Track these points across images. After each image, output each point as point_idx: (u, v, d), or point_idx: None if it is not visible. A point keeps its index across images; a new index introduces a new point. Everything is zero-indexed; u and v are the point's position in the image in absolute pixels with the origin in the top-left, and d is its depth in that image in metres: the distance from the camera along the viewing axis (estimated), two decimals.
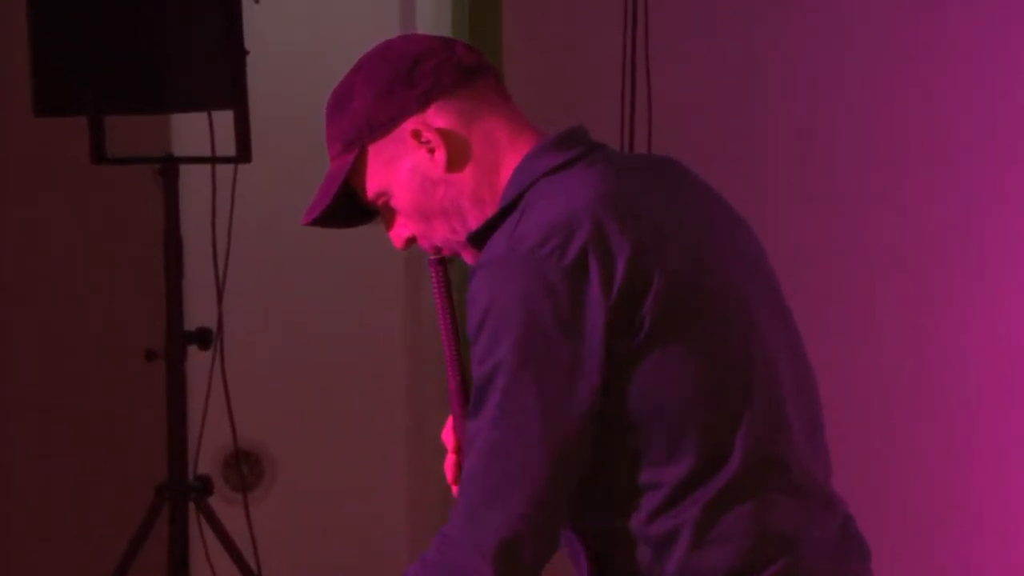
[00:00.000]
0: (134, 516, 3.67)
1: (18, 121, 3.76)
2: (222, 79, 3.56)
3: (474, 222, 1.90)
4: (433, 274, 1.93)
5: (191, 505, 3.68)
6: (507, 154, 1.89)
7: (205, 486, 3.70)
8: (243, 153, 3.65)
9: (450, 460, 1.98)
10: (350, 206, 1.98)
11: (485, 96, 1.91)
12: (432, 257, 1.93)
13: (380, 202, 1.94)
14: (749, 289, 1.87)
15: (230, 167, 3.69)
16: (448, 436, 1.98)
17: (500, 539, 1.75)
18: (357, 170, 1.92)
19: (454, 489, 1.95)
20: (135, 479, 3.95)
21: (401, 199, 1.92)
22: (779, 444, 1.83)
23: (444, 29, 5.20)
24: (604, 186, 1.81)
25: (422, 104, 1.88)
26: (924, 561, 3.12)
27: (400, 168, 1.90)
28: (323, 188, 1.97)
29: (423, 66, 1.89)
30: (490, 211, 1.88)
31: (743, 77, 3.49)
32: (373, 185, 1.93)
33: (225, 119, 3.64)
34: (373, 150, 1.91)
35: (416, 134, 1.88)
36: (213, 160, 3.69)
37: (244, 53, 3.57)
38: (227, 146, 3.65)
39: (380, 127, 1.89)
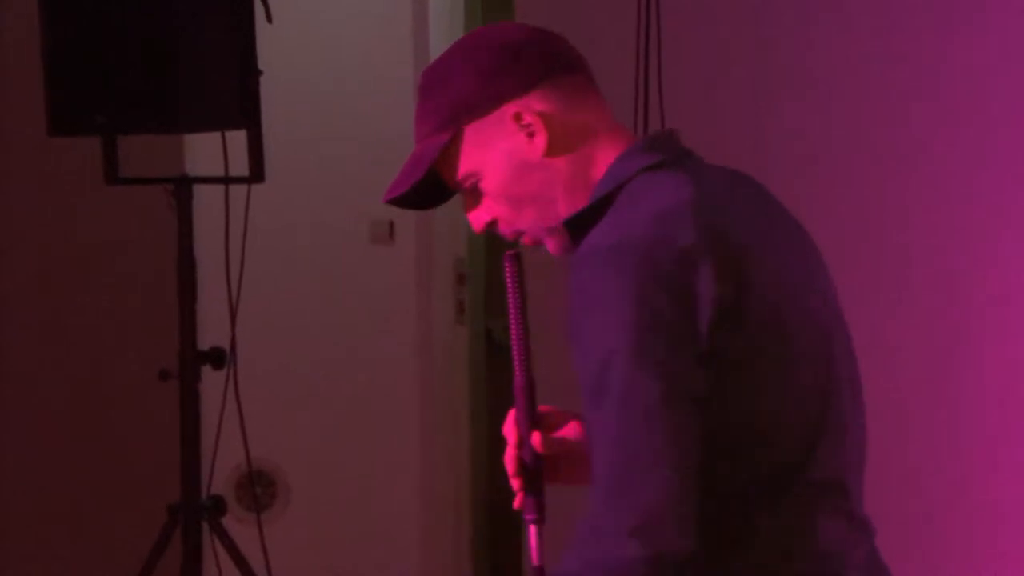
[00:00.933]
0: (148, 536, 3.66)
1: (33, 141, 3.76)
2: (236, 99, 3.56)
3: (564, 210, 1.89)
4: (508, 270, 1.90)
5: (204, 525, 3.66)
6: (602, 146, 1.89)
7: (218, 506, 3.69)
8: (257, 173, 3.65)
9: (510, 453, 1.95)
10: (430, 185, 1.95)
11: (582, 88, 1.91)
12: (508, 253, 1.91)
13: (468, 184, 1.92)
14: (826, 318, 1.88)
15: (243, 187, 3.68)
16: (510, 430, 1.95)
17: (651, 513, 1.73)
18: (449, 150, 1.90)
19: (514, 482, 1.95)
20: (149, 499, 3.93)
21: (492, 182, 1.90)
22: (841, 470, 1.86)
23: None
24: (703, 188, 1.82)
25: (525, 88, 1.87)
26: (927, 559, 3.10)
27: (495, 150, 1.89)
28: (410, 166, 1.94)
29: (528, 52, 1.89)
30: (581, 201, 1.88)
31: (756, 74, 3.48)
32: (465, 166, 1.91)
33: (238, 139, 3.64)
34: (470, 131, 1.89)
35: (517, 116, 1.87)
36: (227, 180, 3.69)
37: (258, 73, 3.57)
38: (240, 166, 3.65)
39: (480, 107, 1.88)
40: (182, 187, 3.68)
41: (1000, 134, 2.93)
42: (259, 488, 4.78)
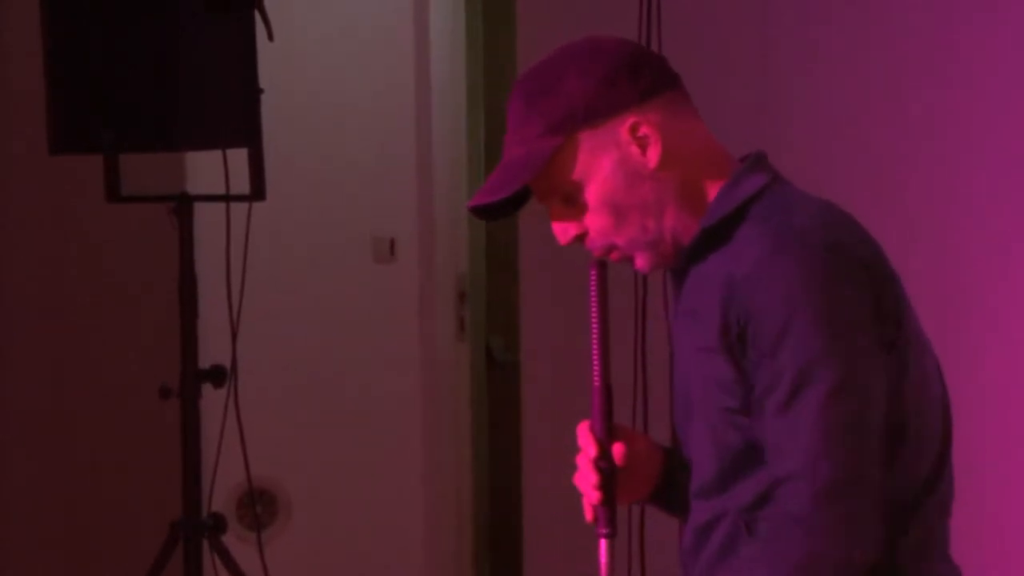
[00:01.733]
0: (148, 553, 3.65)
1: (34, 159, 3.76)
2: (237, 117, 3.56)
3: (669, 224, 1.87)
4: (593, 275, 1.87)
5: (205, 543, 3.65)
6: (712, 161, 1.89)
7: (219, 524, 3.67)
8: (258, 191, 3.64)
9: (586, 462, 1.89)
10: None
11: (687, 104, 1.91)
12: (594, 259, 1.89)
13: (570, 192, 1.88)
14: (926, 339, 1.92)
15: (245, 205, 3.68)
16: (585, 438, 1.90)
17: (858, 522, 1.75)
18: (556, 156, 1.86)
19: (593, 494, 1.89)
20: (149, 516, 3.95)
21: (596, 192, 1.86)
22: (952, 489, 1.89)
23: (459, 55, 5.22)
24: (830, 203, 1.88)
25: (644, 98, 1.85)
26: None
27: (605, 160, 1.86)
28: (514, 171, 1.87)
29: (645, 64, 1.88)
30: (689, 215, 1.87)
31: (758, 77, 3.47)
32: (572, 174, 1.86)
33: (239, 157, 3.63)
34: (584, 137, 1.85)
35: (634, 127, 1.85)
36: (228, 198, 3.68)
37: (259, 91, 3.57)
38: (241, 184, 3.65)
39: (597, 115, 1.85)
40: (183, 205, 3.67)
41: (1005, 134, 2.90)
42: (260, 506, 4.76)
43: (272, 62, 3.68)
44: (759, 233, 1.80)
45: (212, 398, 3.72)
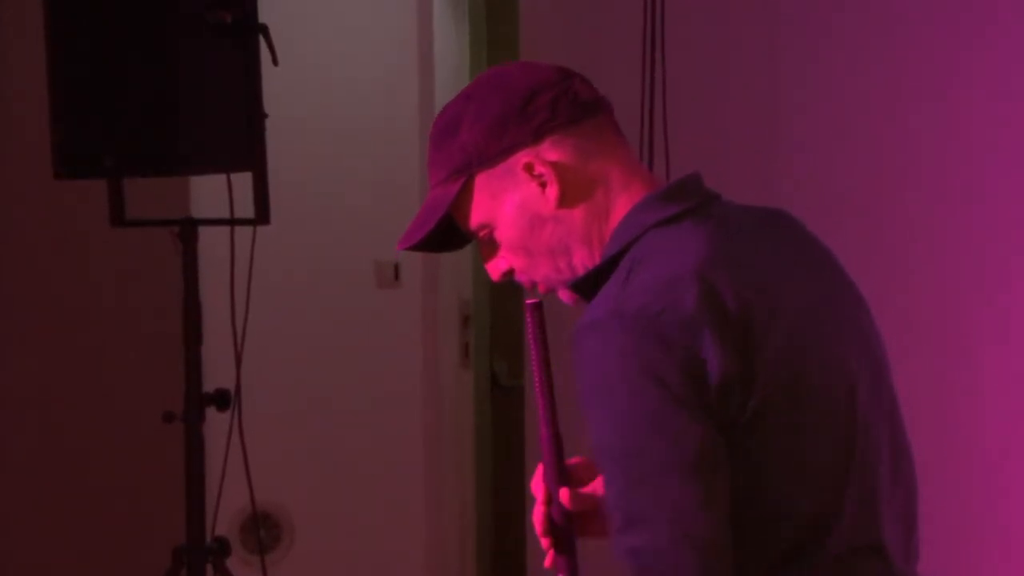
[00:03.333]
0: None
1: (39, 184, 3.76)
2: (241, 141, 3.55)
3: (579, 262, 1.83)
4: (529, 320, 1.82)
5: (209, 567, 3.63)
6: (619, 197, 1.83)
7: (223, 548, 3.66)
8: (262, 215, 3.63)
9: (539, 511, 1.86)
10: (445, 231, 1.89)
11: (600, 134, 1.84)
12: (528, 303, 1.84)
13: (483, 234, 1.87)
14: (857, 368, 1.80)
15: (249, 229, 3.67)
16: (538, 486, 1.87)
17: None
18: (461, 199, 1.84)
19: (544, 541, 1.86)
20: (154, 540, 3.91)
21: (505, 233, 1.85)
22: (876, 530, 1.78)
23: (463, 70, 5.22)
24: (713, 246, 1.74)
25: (537, 137, 1.81)
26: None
27: (508, 201, 1.83)
28: (423, 215, 1.88)
29: (540, 98, 1.82)
30: (598, 253, 1.82)
31: (762, 82, 3.46)
32: (477, 216, 1.85)
33: (244, 181, 3.62)
34: (480, 180, 1.83)
35: (529, 167, 1.81)
36: (232, 222, 3.68)
37: (263, 116, 3.56)
38: (246, 208, 3.63)
39: (491, 158, 1.82)
40: (187, 229, 3.67)
41: (1009, 138, 2.88)
42: (263, 530, 4.75)
43: (276, 87, 3.68)
44: (605, 294, 1.74)
45: (216, 422, 3.71)
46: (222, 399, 3.67)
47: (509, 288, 5.15)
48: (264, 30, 3.54)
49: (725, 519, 1.68)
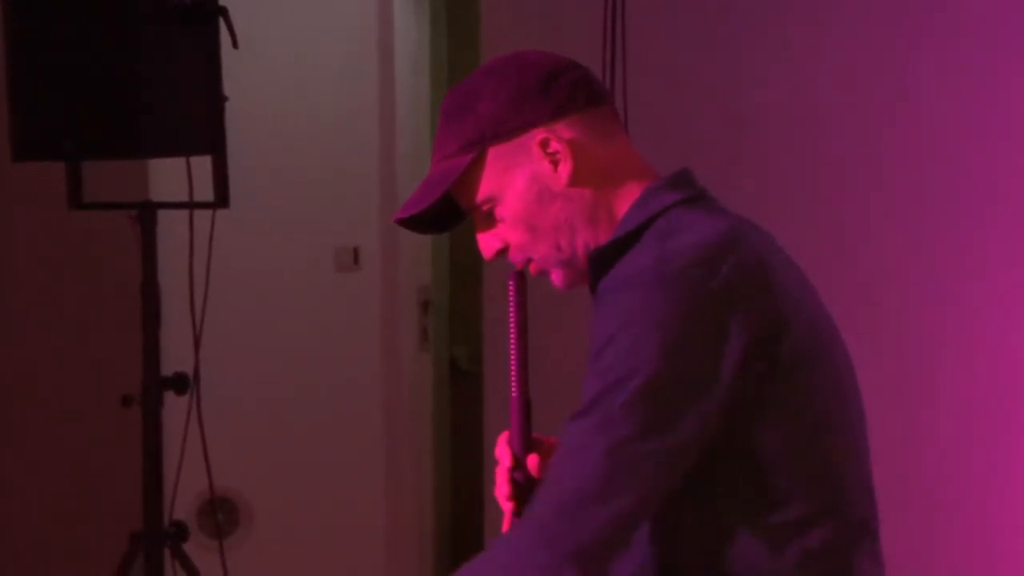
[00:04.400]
0: (110, 564, 3.63)
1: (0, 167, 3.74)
2: (201, 125, 3.55)
3: (582, 241, 1.85)
4: (512, 287, 1.87)
5: (166, 552, 3.63)
6: (628, 180, 1.85)
7: (181, 532, 3.65)
8: (221, 199, 3.63)
9: (502, 474, 1.88)
10: (438, 208, 1.91)
11: (608, 121, 1.88)
12: (513, 270, 1.88)
13: (485, 208, 1.88)
14: (841, 353, 1.86)
15: (208, 213, 3.66)
16: (503, 450, 1.89)
17: (596, 539, 1.70)
18: (469, 172, 1.86)
19: (506, 505, 1.88)
20: (111, 525, 3.92)
21: (510, 208, 1.86)
22: (869, 508, 1.84)
23: (423, 61, 5.23)
24: (738, 225, 1.80)
25: (554, 116, 1.83)
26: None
27: (518, 176, 1.84)
28: (428, 185, 1.88)
29: (559, 80, 1.85)
30: (603, 234, 1.84)
31: (724, 79, 3.46)
32: (485, 189, 1.86)
33: (203, 165, 3.61)
34: (493, 154, 1.85)
35: (544, 143, 1.83)
36: (191, 205, 3.65)
37: (223, 99, 3.55)
38: (205, 192, 3.62)
39: (507, 132, 1.84)
40: (146, 213, 3.65)
41: (996, 131, 2.89)
42: (222, 515, 4.76)
43: (237, 71, 3.66)
44: (636, 257, 1.77)
45: (174, 406, 3.70)
46: (181, 383, 3.66)
47: (468, 275, 5.13)
48: (224, 13, 3.53)
49: (660, 495, 1.72)
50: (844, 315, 1.95)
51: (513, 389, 1.87)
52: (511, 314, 1.87)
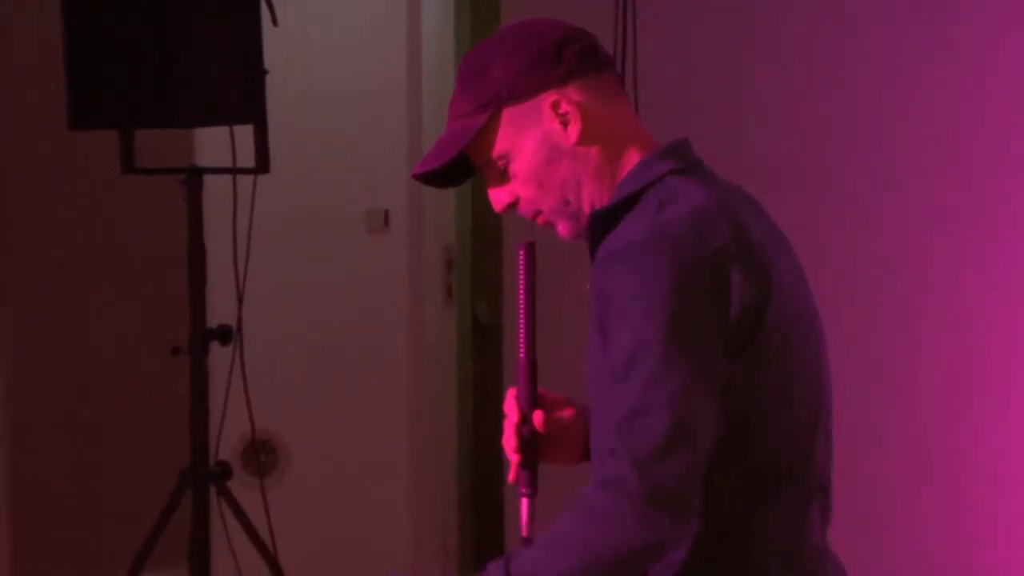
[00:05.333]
0: (160, 499, 3.66)
1: (54, 134, 3.75)
2: (243, 96, 3.55)
3: (587, 196, 1.84)
4: (521, 256, 1.88)
5: (212, 489, 3.66)
6: (631, 142, 1.85)
7: (225, 471, 3.69)
8: (262, 164, 3.63)
9: (509, 429, 1.88)
10: (453, 165, 1.89)
11: (614, 87, 1.87)
12: (523, 241, 1.88)
13: (500, 164, 1.87)
14: (814, 318, 1.86)
15: (250, 178, 3.67)
16: (511, 406, 1.89)
17: (677, 486, 1.68)
18: (484, 131, 1.85)
19: (513, 457, 1.88)
20: (161, 464, 3.93)
21: (522, 164, 1.85)
22: (827, 470, 1.84)
23: (448, 49, 5.20)
24: (727, 198, 1.79)
25: (564, 80, 1.82)
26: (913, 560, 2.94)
27: (531, 135, 1.83)
28: (446, 143, 1.87)
29: (570, 47, 1.84)
30: (606, 191, 1.83)
31: (730, 69, 3.41)
32: (499, 147, 1.85)
33: (245, 133, 3.61)
34: (507, 114, 1.84)
35: (555, 105, 1.82)
36: (234, 171, 3.67)
37: (264, 72, 3.55)
38: (247, 158, 3.63)
39: (520, 93, 1.83)
40: (193, 177, 3.67)
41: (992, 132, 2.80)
42: (262, 455, 4.78)
43: (276, 45, 3.66)
44: (634, 223, 1.76)
45: (219, 356, 3.73)
46: (225, 334, 3.69)
47: (489, 235, 5.12)
48: None
49: (712, 429, 1.70)
50: (838, 309, 1.94)
51: (521, 351, 1.87)
52: (520, 281, 1.88)
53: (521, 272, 1.88)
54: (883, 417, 2.93)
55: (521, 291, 1.88)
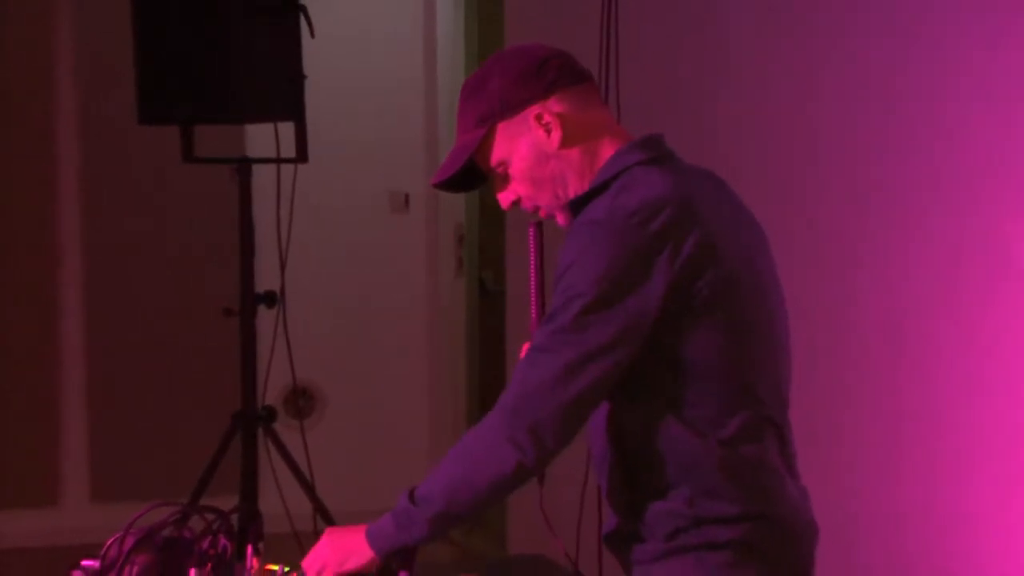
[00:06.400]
0: (216, 437, 3.68)
1: (127, 129, 3.74)
2: (285, 97, 3.54)
3: (572, 190, 1.86)
4: (531, 235, 1.91)
5: (260, 429, 3.66)
6: (605, 142, 1.86)
7: (271, 414, 3.68)
8: (302, 155, 3.62)
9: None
10: (465, 172, 1.93)
11: (590, 96, 1.89)
12: (533, 220, 1.91)
13: (500, 170, 1.89)
14: (769, 285, 1.88)
15: (291, 166, 3.66)
16: (525, 349, 1.90)
17: (550, 419, 1.73)
18: (485, 143, 1.87)
19: None
20: (216, 408, 3.94)
21: (517, 168, 1.87)
22: (775, 408, 1.85)
23: (459, 55, 5.22)
24: (683, 184, 1.81)
25: (547, 94, 1.85)
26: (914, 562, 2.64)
27: (521, 143, 1.86)
28: (454, 156, 1.90)
29: (548, 66, 1.86)
30: (587, 184, 1.85)
31: (699, 70, 3.27)
32: (497, 155, 1.87)
33: (287, 128, 3.62)
34: (501, 127, 1.86)
35: (539, 117, 1.84)
36: (278, 160, 3.66)
37: (303, 77, 3.56)
38: (289, 150, 3.63)
39: (510, 108, 1.85)
40: (243, 166, 3.67)
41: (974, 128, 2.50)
42: (302, 400, 4.77)
43: (313, 54, 3.65)
44: (597, 205, 1.80)
45: (265, 316, 3.72)
46: (270, 298, 3.68)
47: (494, 214, 5.13)
48: (304, 10, 3.54)
49: (599, 389, 1.74)
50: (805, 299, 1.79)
51: (532, 311, 1.90)
52: (531, 254, 1.90)
53: (531, 246, 1.90)
54: (865, 416, 2.73)
55: (532, 262, 1.89)
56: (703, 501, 1.78)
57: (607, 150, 1.86)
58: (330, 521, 3.64)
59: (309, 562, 1.88)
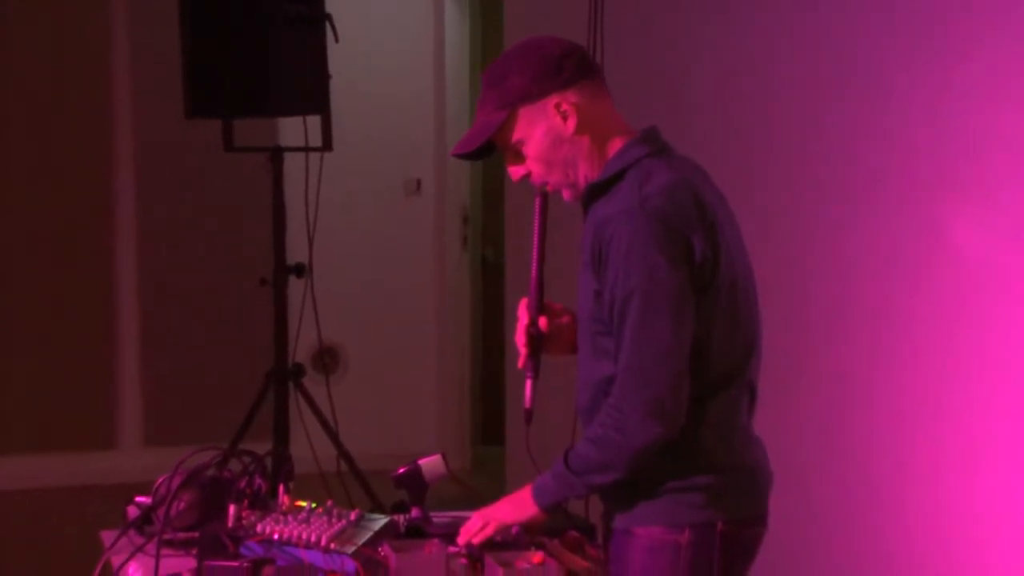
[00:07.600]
0: (252, 391, 3.70)
1: (175, 121, 3.73)
2: (313, 94, 3.55)
3: (582, 173, 1.85)
4: (537, 202, 1.90)
5: (290, 384, 3.68)
6: (614, 131, 1.86)
7: (300, 371, 3.70)
8: (327, 144, 3.64)
9: (521, 328, 1.91)
10: (482, 146, 1.90)
11: (602, 89, 1.87)
12: (538, 191, 1.90)
13: (517, 148, 1.87)
14: (749, 269, 1.89)
15: (318, 154, 3.67)
16: (522, 312, 1.92)
17: (670, 385, 1.75)
18: (506, 124, 1.85)
19: (523, 348, 1.89)
20: (252, 366, 3.95)
21: (533, 148, 1.85)
22: (756, 380, 1.88)
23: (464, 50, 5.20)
24: (686, 172, 1.82)
25: (564, 86, 1.83)
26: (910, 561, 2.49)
27: (539, 127, 1.84)
28: (476, 132, 1.87)
29: (569, 60, 1.85)
30: (596, 168, 1.84)
31: (679, 62, 3.21)
32: (517, 135, 1.85)
33: (314, 121, 3.63)
34: (523, 111, 1.84)
35: (557, 106, 1.83)
36: (307, 149, 3.67)
37: (328, 76, 3.56)
38: (316, 139, 3.63)
39: (532, 96, 1.83)
40: (276, 154, 3.68)
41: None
42: (327, 359, 4.73)
43: (337, 56, 3.65)
44: (623, 194, 1.79)
45: (295, 286, 3.73)
46: (300, 269, 3.69)
47: (495, 197, 5.11)
48: (329, 17, 3.54)
49: (688, 349, 1.75)
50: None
51: (533, 271, 1.89)
52: (535, 221, 1.89)
53: (536, 215, 1.89)
54: (854, 416, 2.57)
55: (535, 228, 1.89)
56: (682, 451, 1.78)
57: (615, 141, 1.85)
58: (352, 463, 3.68)
59: (474, 520, 1.88)
